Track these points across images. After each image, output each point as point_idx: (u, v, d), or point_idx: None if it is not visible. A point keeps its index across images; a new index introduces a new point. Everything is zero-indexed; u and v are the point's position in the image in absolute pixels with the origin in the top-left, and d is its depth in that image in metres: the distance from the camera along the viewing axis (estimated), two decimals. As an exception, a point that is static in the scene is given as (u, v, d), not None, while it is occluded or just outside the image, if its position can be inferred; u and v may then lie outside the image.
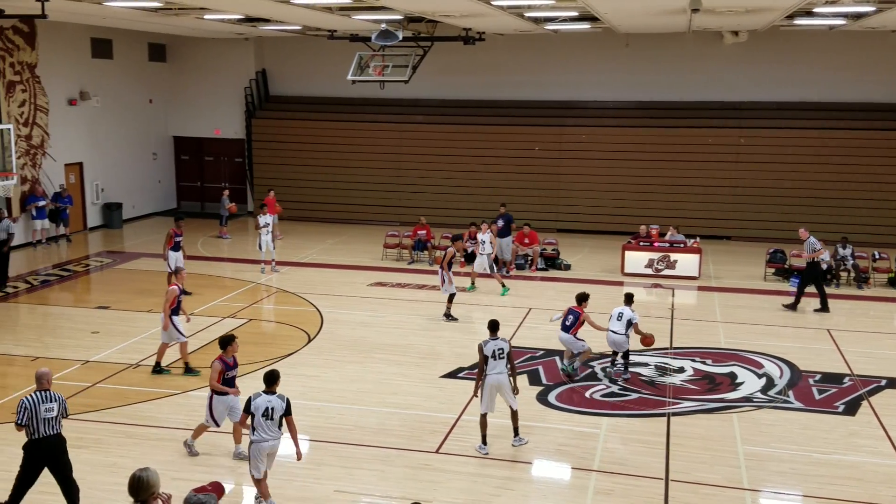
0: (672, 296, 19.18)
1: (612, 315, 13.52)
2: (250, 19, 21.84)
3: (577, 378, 13.44)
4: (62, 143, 25.01)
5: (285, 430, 9.13)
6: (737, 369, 14.08)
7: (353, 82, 22.32)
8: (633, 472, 10.26)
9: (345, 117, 28.56)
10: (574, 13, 19.20)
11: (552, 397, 12.72)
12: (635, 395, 12.85)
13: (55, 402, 8.72)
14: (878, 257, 20.80)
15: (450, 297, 16.81)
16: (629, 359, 13.75)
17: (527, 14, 18.97)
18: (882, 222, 24.58)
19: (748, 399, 12.79)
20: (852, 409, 12.45)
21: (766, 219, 25.34)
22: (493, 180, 26.97)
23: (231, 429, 10.52)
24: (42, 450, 8.68)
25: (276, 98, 30.13)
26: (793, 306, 17.86)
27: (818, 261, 18.03)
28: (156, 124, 29.66)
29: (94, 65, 26.13)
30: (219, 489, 6.67)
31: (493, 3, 16.57)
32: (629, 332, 13.38)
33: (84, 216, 26.35)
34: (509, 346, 10.76)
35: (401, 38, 19.66)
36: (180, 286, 13.45)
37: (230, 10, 19.81)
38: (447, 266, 16.75)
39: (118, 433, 11.18)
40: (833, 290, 19.53)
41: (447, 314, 16.79)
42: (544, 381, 13.37)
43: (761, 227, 25.37)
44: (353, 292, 19.02)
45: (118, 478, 9.32)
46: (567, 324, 13.43)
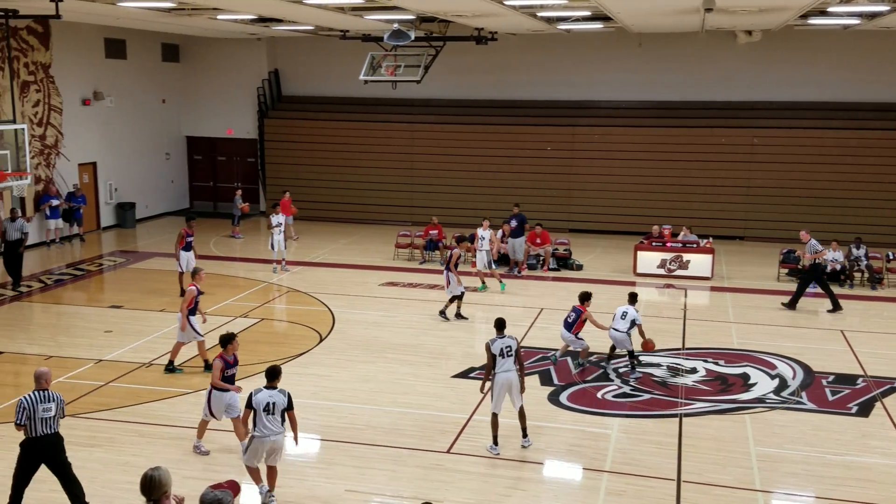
0: (684, 296, 19.10)
1: (616, 313, 13.85)
2: (263, 19, 21.90)
3: (556, 363, 14.07)
4: (76, 142, 25.15)
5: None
6: (749, 370, 14.03)
7: (366, 82, 22.34)
8: (645, 473, 10.23)
9: (357, 117, 28.59)
10: (587, 13, 19.15)
11: (564, 398, 12.71)
12: (647, 396, 12.82)
13: (53, 402, 8.75)
14: (892, 258, 20.65)
15: (459, 296, 16.82)
16: (636, 358, 13.85)
17: (539, 14, 18.92)
18: (896, 223, 24.46)
19: (761, 400, 12.73)
20: (865, 410, 12.38)
21: (779, 219, 25.19)
22: (505, 180, 26.94)
23: (232, 427, 10.56)
24: (39, 449, 8.73)
25: (288, 98, 30.20)
26: (791, 305, 17.83)
27: (820, 262, 17.99)
28: (169, 124, 29.79)
29: (107, 65, 26.26)
30: (234, 487, 6.82)
31: (505, 2, 16.54)
32: (631, 332, 13.64)
33: (97, 216, 26.50)
34: (517, 344, 10.77)
35: (413, 38, 19.65)
36: (198, 287, 13.57)
37: (243, 10, 19.88)
38: (454, 267, 16.77)
39: (131, 432, 11.23)
40: (847, 291, 19.49)
41: (458, 314, 16.82)
42: (556, 382, 13.35)
43: (774, 227, 25.23)
44: (364, 292, 19.05)
45: (130, 476, 9.37)
46: (569, 321, 13.85)
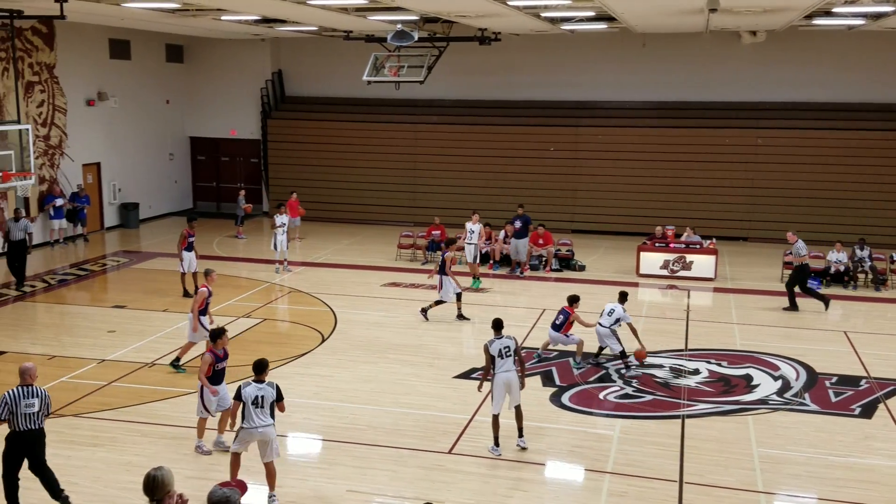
0: (687, 297, 19.07)
1: (604, 310, 14.17)
2: (267, 20, 21.93)
3: (544, 360, 14.28)
4: (80, 143, 25.19)
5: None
6: (752, 371, 14.00)
7: (369, 83, 22.35)
8: (648, 475, 10.21)
9: (360, 118, 28.60)
10: (591, 13, 19.15)
11: (566, 398, 12.69)
12: (650, 397, 12.80)
13: (37, 397, 8.75)
14: (895, 259, 20.61)
15: (458, 296, 16.79)
16: (627, 358, 14.01)
17: (543, 14, 18.92)
18: (900, 224, 24.40)
19: (764, 401, 12.70)
20: (869, 411, 12.35)
21: (782, 220, 25.06)
22: (508, 181, 26.93)
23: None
24: (21, 442, 8.77)
25: (291, 98, 30.23)
26: (792, 307, 17.85)
27: (807, 264, 18.09)
28: (172, 125, 29.83)
29: (111, 65, 26.30)
30: (241, 486, 6.89)
31: (509, 3, 16.54)
32: (614, 327, 13.96)
33: (101, 216, 26.53)
34: (516, 344, 10.77)
35: (416, 38, 19.65)
36: (209, 288, 13.61)
37: (247, 11, 19.90)
38: (449, 270, 16.71)
39: (133, 432, 11.24)
40: (850, 292, 19.52)
41: (459, 314, 16.80)
42: (558, 383, 13.34)
43: (778, 228, 25.06)
44: (366, 292, 19.05)
45: (133, 476, 9.37)
46: (557, 323, 14.19)
